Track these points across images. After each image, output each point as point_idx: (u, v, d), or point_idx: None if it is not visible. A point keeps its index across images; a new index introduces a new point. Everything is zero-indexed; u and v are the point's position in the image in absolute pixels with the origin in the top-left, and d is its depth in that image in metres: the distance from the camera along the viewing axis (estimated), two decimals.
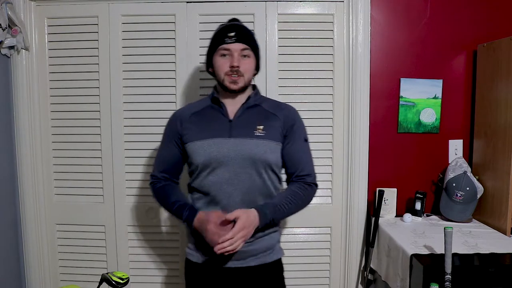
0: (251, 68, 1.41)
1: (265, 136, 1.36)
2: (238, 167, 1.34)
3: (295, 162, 1.42)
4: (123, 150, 2.03)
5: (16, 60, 1.97)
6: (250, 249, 1.37)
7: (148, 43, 1.98)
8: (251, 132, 1.36)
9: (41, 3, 1.99)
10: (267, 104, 1.46)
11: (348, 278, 2.06)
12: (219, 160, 1.35)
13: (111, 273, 1.18)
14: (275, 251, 1.44)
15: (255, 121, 1.39)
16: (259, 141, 1.35)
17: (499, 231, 1.78)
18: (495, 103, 1.83)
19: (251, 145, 1.35)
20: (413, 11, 2.00)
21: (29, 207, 2.04)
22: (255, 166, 1.35)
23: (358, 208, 2.02)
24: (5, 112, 1.96)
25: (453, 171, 1.93)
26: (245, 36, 1.39)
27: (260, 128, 1.37)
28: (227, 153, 1.35)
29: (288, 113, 1.44)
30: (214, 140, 1.37)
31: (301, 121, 1.47)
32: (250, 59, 1.40)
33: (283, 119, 1.41)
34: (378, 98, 2.02)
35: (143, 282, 2.09)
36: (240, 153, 1.34)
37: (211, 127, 1.40)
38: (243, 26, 1.44)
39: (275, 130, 1.39)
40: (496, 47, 1.82)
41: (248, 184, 1.34)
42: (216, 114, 1.43)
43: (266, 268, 1.41)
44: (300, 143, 1.43)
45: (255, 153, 1.34)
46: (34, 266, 2.07)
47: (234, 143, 1.35)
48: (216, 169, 1.36)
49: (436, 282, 1.29)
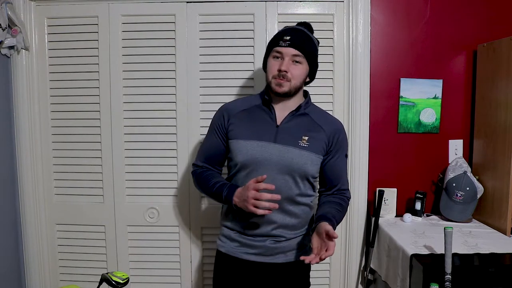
0: (300, 74, 1.38)
1: (308, 147, 1.38)
2: (277, 172, 1.36)
3: (337, 177, 1.47)
4: (123, 150, 2.03)
5: (16, 60, 1.97)
6: (280, 246, 1.41)
7: (148, 43, 1.98)
8: (296, 142, 1.38)
9: (41, 3, 1.99)
10: (316, 115, 1.46)
11: (348, 278, 2.06)
12: (260, 163, 1.37)
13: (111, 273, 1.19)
14: (305, 251, 1.45)
15: (301, 130, 1.40)
16: (302, 152, 1.37)
17: (499, 231, 1.78)
18: (495, 103, 1.83)
19: (293, 154, 1.37)
20: (413, 11, 2.00)
21: (29, 207, 2.04)
22: (293, 174, 1.37)
23: (358, 208, 2.02)
24: (5, 112, 1.96)
25: (453, 171, 1.93)
26: (301, 42, 1.37)
27: (305, 139, 1.39)
28: (269, 157, 1.37)
29: (335, 128, 1.45)
30: (259, 143, 1.38)
31: (346, 137, 1.49)
32: (301, 66, 1.38)
33: (329, 133, 1.42)
34: (378, 98, 2.03)
35: (143, 282, 2.09)
36: (282, 159, 1.36)
37: (258, 128, 1.41)
38: (302, 31, 1.41)
39: (319, 143, 1.40)
40: (496, 47, 1.82)
41: (283, 189, 1.35)
42: (264, 116, 1.43)
43: (293, 266, 1.43)
44: (342, 160, 1.47)
45: (296, 163, 1.37)
46: (34, 266, 2.07)
47: (277, 149, 1.37)
48: (255, 170, 1.37)
49: (436, 282, 1.29)
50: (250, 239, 1.42)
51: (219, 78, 1.98)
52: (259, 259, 1.42)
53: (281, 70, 1.34)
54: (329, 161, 1.44)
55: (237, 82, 1.98)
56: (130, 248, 2.08)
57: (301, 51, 1.36)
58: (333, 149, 1.43)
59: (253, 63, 1.97)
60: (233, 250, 1.45)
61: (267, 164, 1.36)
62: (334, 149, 1.43)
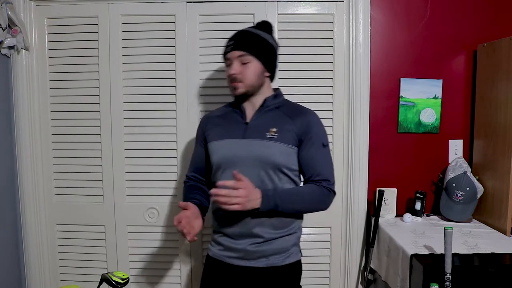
0: (251, 72, 1.39)
1: (277, 138, 1.37)
2: (248, 167, 1.36)
3: (310, 167, 1.42)
4: (123, 150, 2.03)
5: (16, 60, 1.97)
6: (260, 250, 1.38)
7: (148, 43, 1.98)
8: (263, 134, 1.38)
9: (41, 3, 1.99)
10: (286, 108, 1.46)
11: (348, 278, 2.06)
12: (231, 160, 1.39)
13: (111, 273, 1.18)
14: (290, 254, 1.43)
15: (269, 123, 1.40)
16: (271, 143, 1.37)
17: (499, 231, 1.78)
18: (495, 103, 1.83)
19: (261, 146, 1.37)
20: (413, 11, 2.00)
21: (29, 207, 2.04)
22: (264, 167, 1.36)
23: (358, 208, 2.02)
24: (5, 112, 1.96)
25: (453, 171, 1.93)
26: (244, 42, 1.39)
27: (273, 131, 1.38)
28: (238, 153, 1.38)
29: (304, 118, 1.42)
30: (229, 141, 1.42)
31: (321, 127, 1.45)
32: (251, 64, 1.39)
33: (299, 124, 1.41)
34: (378, 98, 2.03)
35: (143, 282, 2.09)
36: (250, 153, 1.37)
37: (228, 128, 1.45)
38: (246, 32, 1.43)
39: (288, 133, 1.39)
40: (496, 47, 1.82)
41: (257, 184, 1.33)
42: (235, 117, 1.47)
43: (276, 271, 1.40)
44: (317, 149, 1.41)
45: (264, 154, 1.36)
46: (34, 266, 2.07)
47: (245, 144, 1.38)
48: (228, 168, 1.39)
49: (436, 282, 1.29)
50: (232, 241, 1.41)
51: (219, 78, 1.98)
52: (241, 263, 1.40)
53: (230, 74, 1.39)
54: (302, 151, 1.41)
55: None
56: (130, 248, 2.08)
57: (246, 50, 1.38)
58: (305, 139, 1.40)
59: None
60: (218, 253, 1.45)
61: (238, 160, 1.38)
62: (305, 138, 1.40)
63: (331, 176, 1.44)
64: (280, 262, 1.40)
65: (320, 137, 1.43)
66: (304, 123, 1.41)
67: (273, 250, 1.39)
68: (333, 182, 1.44)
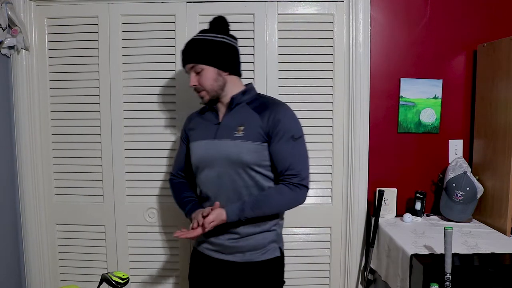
0: (207, 79, 1.41)
1: (243, 137, 1.38)
2: (220, 167, 1.41)
3: (279, 162, 1.40)
4: (123, 150, 2.03)
5: (16, 60, 1.97)
6: (237, 246, 1.43)
7: (148, 43, 1.98)
8: (232, 133, 1.40)
9: (41, 3, 1.99)
10: (255, 104, 1.45)
11: (348, 278, 2.06)
12: (204, 160, 1.45)
13: (111, 273, 1.18)
14: (267, 251, 1.45)
15: (238, 121, 1.42)
16: (237, 142, 1.38)
17: (499, 231, 1.78)
18: (495, 103, 1.83)
19: (228, 146, 1.39)
20: (413, 11, 2.00)
21: (29, 207, 2.04)
22: (234, 166, 1.39)
23: (358, 208, 2.02)
24: (5, 112, 1.96)
25: (453, 171, 1.93)
26: (191, 52, 1.43)
27: (241, 129, 1.40)
28: (211, 154, 1.43)
29: (271, 112, 1.40)
30: (203, 142, 1.47)
31: (289, 119, 1.42)
32: (204, 71, 1.41)
33: (266, 119, 1.39)
34: (378, 98, 2.03)
35: (143, 282, 2.09)
36: (220, 154, 1.41)
37: (203, 129, 1.49)
38: (192, 40, 1.45)
39: (255, 130, 1.39)
40: (496, 47, 1.82)
41: (230, 184, 1.40)
42: (210, 117, 1.51)
43: (252, 267, 1.43)
44: (285, 142, 1.39)
45: (232, 154, 1.39)
46: (34, 266, 2.07)
47: (216, 145, 1.42)
48: (204, 169, 1.45)
49: (436, 282, 1.29)
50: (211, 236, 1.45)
51: None
52: (218, 256, 1.46)
53: (190, 86, 1.44)
54: (271, 146, 1.39)
55: None
56: (130, 248, 2.08)
57: (194, 61, 1.42)
58: (273, 134, 1.38)
59: (253, 63, 1.97)
60: (201, 246, 1.52)
61: (210, 161, 1.42)
62: (273, 133, 1.38)
63: (303, 169, 1.41)
64: (256, 258, 1.43)
65: (290, 130, 1.40)
66: (271, 117, 1.39)
67: (249, 246, 1.43)
68: (305, 176, 1.41)
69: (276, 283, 1.49)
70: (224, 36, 1.45)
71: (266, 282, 1.45)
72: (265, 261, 1.44)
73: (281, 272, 1.51)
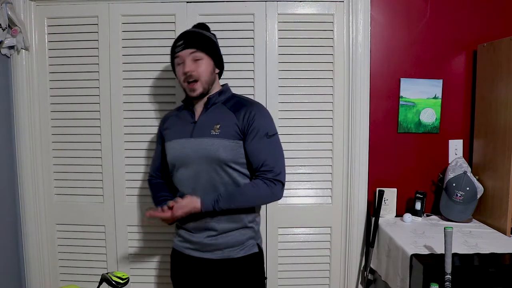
0: (206, 69, 1.45)
1: (219, 135, 1.42)
2: (197, 165, 1.43)
3: (254, 159, 1.44)
4: (123, 150, 2.03)
5: (16, 60, 1.97)
6: (215, 243, 1.44)
7: (148, 43, 1.98)
8: (208, 132, 1.43)
9: (41, 3, 1.99)
10: (231, 103, 1.50)
11: (348, 278, 2.06)
12: (181, 159, 1.46)
13: (111, 273, 1.18)
14: (245, 247, 1.48)
15: (214, 120, 1.45)
16: (214, 140, 1.42)
17: (499, 231, 1.78)
18: (495, 103, 1.83)
19: (205, 144, 1.42)
20: (413, 11, 2.00)
21: (29, 207, 2.04)
22: (211, 164, 1.42)
23: (358, 208, 2.02)
24: (5, 112, 1.96)
25: (453, 171, 1.93)
26: (194, 40, 1.45)
27: (217, 127, 1.43)
28: (188, 152, 1.45)
29: (246, 111, 1.45)
30: (179, 141, 1.48)
31: (264, 118, 1.46)
32: (203, 61, 1.45)
33: (241, 117, 1.44)
34: (378, 98, 2.03)
35: (143, 282, 2.09)
36: (198, 152, 1.43)
37: (179, 128, 1.51)
38: (192, 31, 1.49)
39: (230, 128, 1.43)
40: (496, 47, 1.82)
41: (207, 181, 1.43)
42: (186, 116, 1.53)
43: (230, 263, 1.45)
44: (260, 139, 1.43)
45: (209, 152, 1.41)
46: (34, 266, 2.07)
47: (193, 143, 1.45)
48: (181, 167, 1.47)
49: (436, 282, 1.29)
50: (189, 234, 1.49)
51: None
52: (197, 254, 1.48)
53: (185, 71, 1.43)
54: (246, 144, 1.44)
55: (237, 82, 1.98)
56: (130, 248, 2.08)
57: (196, 47, 1.44)
58: (248, 132, 1.43)
59: (253, 63, 1.97)
60: (179, 245, 1.53)
61: (187, 159, 1.44)
62: (248, 131, 1.43)
63: (277, 165, 1.44)
64: (234, 255, 1.46)
65: (264, 128, 1.44)
66: (246, 116, 1.44)
67: (227, 243, 1.46)
68: (280, 172, 1.44)
69: (255, 279, 1.51)
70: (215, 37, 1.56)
71: (245, 278, 1.48)
72: (244, 257, 1.47)
73: (261, 268, 1.53)
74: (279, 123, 2.00)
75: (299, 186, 2.04)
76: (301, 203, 2.05)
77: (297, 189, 2.05)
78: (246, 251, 1.47)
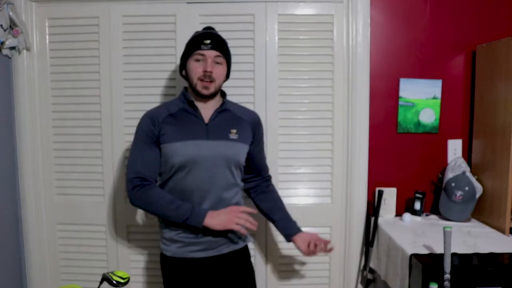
0: (222, 74, 1.50)
1: (238, 139, 1.50)
2: (214, 166, 1.46)
3: (262, 164, 1.67)
4: (124, 150, 2.04)
5: (17, 61, 1.98)
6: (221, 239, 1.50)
7: (149, 44, 1.99)
8: (226, 135, 1.49)
9: (42, 4, 2.00)
10: (235, 109, 1.58)
11: (347, 277, 2.07)
12: (197, 161, 1.44)
13: (112, 273, 1.19)
14: (243, 238, 1.58)
15: (228, 124, 1.51)
16: (234, 143, 1.49)
17: (498, 231, 1.79)
18: (494, 104, 1.84)
19: (227, 147, 1.48)
20: (412, 12, 2.01)
21: (30, 206, 2.04)
22: (229, 165, 1.48)
23: (358, 208, 2.03)
24: (6, 112, 1.97)
25: (452, 171, 1.94)
26: (220, 44, 1.49)
27: (234, 132, 1.50)
28: (205, 153, 1.45)
29: (254, 118, 1.60)
30: (194, 142, 1.45)
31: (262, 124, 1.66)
32: (223, 66, 1.49)
33: (251, 123, 1.57)
34: (378, 98, 2.03)
35: (143, 282, 2.09)
36: (217, 153, 1.46)
37: (189, 129, 1.47)
38: (218, 35, 1.52)
39: (247, 133, 1.54)
40: (495, 47, 1.83)
41: (222, 181, 1.47)
42: (191, 117, 1.50)
43: (237, 254, 1.55)
44: (262, 146, 1.65)
45: (230, 154, 1.48)
46: (35, 265, 2.08)
47: (211, 145, 1.47)
48: (194, 169, 1.44)
49: (435, 282, 1.30)
50: (192, 237, 1.48)
51: None
52: (205, 254, 1.49)
53: (207, 70, 1.43)
54: (255, 149, 1.59)
55: (237, 83, 1.98)
56: (130, 247, 2.09)
57: (221, 51, 1.48)
58: (257, 138, 1.59)
59: (253, 63, 1.98)
60: (178, 251, 1.50)
61: (204, 161, 1.44)
62: (257, 137, 1.59)
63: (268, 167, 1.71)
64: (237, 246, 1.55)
65: (263, 135, 1.66)
66: (255, 122, 1.59)
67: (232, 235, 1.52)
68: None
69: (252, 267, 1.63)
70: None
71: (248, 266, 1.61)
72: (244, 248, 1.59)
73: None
74: (279, 123, 2.01)
75: (299, 186, 2.05)
76: (301, 203, 2.05)
77: (296, 189, 2.05)
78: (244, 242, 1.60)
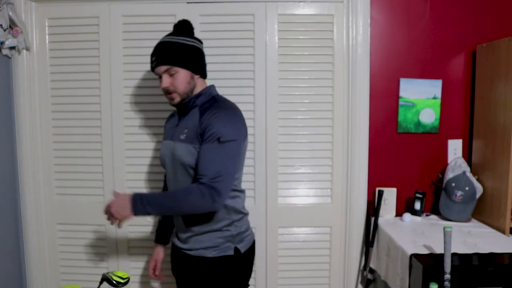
0: (181, 82, 1.44)
1: (185, 139, 1.43)
2: (173, 167, 1.48)
3: (198, 164, 1.36)
4: (124, 150, 2.04)
5: (17, 61, 1.98)
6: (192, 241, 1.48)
7: (148, 44, 1.97)
8: (179, 136, 1.46)
9: (42, 3, 2.00)
10: (204, 106, 1.45)
11: (347, 277, 2.07)
12: (163, 160, 1.54)
13: (112, 273, 1.19)
14: (219, 249, 1.45)
15: (186, 124, 1.46)
16: (181, 144, 1.43)
17: (498, 231, 1.79)
18: (494, 103, 1.84)
19: (175, 147, 1.46)
20: (412, 12, 2.01)
21: (30, 206, 2.04)
22: (179, 167, 1.45)
23: (358, 208, 2.03)
24: (6, 112, 1.97)
25: (452, 171, 1.94)
26: (166, 55, 1.42)
27: (185, 132, 1.44)
28: (166, 153, 1.51)
29: (208, 115, 1.39)
30: (164, 142, 1.56)
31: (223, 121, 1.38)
32: (178, 74, 1.43)
33: (203, 121, 1.38)
34: (378, 98, 2.03)
35: (143, 282, 2.09)
36: (170, 154, 1.48)
37: (168, 130, 1.59)
38: (163, 43, 1.45)
39: (193, 132, 1.40)
40: (496, 47, 1.83)
41: (182, 182, 1.45)
42: (175, 119, 1.58)
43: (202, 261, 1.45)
44: (209, 145, 1.35)
45: (176, 155, 1.44)
46: (35, 265, 2.08)
47: (169, 145, 1.49)
48: (165, 167, 1.55)
49: (435, 282, 1.30)
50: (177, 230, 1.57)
51: (219, 78, 1.97)
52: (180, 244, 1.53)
53: (162, 88, 1.46)
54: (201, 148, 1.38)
55: (237, 83, 1.99)
56: (130, 247, 2.09)
57: (169, 63, 1.42)
58: (204, 135, 1.37)
59: (253, 63, 1.98)
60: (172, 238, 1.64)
61: (167, 162, 1.51)
62: (204, 134, 1.37)
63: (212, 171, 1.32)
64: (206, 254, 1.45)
65: (218, 133, 1.35)
66: (206, 120, 1.38)
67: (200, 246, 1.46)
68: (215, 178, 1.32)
69: (226, 281, 1.46)
70: (193, 40, 1.50)
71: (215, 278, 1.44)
72: (216, 258, 1.44)
73: (235, 272, 1.47)
74: (279, 123, 2.01)
75: (299, 186, 2.05)
76: (301, 203, 2.05)
77: (297, 189, 2.05)
78: (219, 252, 1.44)
